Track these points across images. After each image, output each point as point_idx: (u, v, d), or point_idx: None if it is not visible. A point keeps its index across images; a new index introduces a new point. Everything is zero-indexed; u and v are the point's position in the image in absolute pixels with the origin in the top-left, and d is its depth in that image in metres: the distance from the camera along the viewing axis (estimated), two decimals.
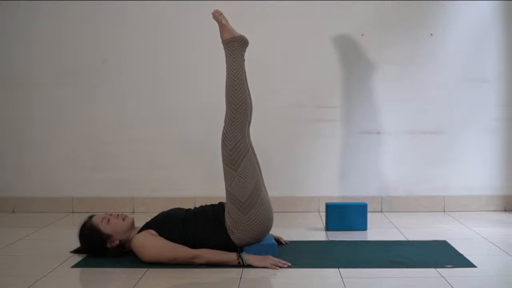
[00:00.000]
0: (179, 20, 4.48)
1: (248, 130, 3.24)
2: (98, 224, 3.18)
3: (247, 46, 3.25)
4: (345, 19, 4.45)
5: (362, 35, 4.45)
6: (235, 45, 3.21)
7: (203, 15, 4.44)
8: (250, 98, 3.22)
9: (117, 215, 3.21)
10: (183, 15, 4.48)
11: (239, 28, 3.35)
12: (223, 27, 3.25)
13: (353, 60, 4.46)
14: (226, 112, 3.17)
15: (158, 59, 4.51)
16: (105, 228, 3.17)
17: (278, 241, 3.48)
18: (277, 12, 4.44)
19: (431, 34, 4.42)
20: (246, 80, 3.21)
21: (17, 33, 4.53)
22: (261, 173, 3.25)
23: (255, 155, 3.25)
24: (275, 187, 4.10)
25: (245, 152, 3.14)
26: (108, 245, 3.18)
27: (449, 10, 4.41)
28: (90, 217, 3.24)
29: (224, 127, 3.16)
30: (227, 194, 3.16)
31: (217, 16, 3.27)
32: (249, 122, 3.25)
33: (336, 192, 4.49)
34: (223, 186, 3.20)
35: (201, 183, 4.51)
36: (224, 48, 3.23)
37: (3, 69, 4.57)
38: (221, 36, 3.25)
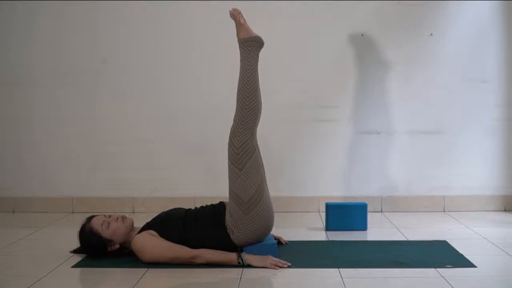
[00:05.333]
0: (179, 20, 4.48)
1: (256, 131, 3.21)
2: (98, 229, 3.14)
3: (263, 47, 3.23)
4: (345, 19, 4.45)
5: (362, 35, 4.45)
6: (251, 45, 3.18)
7: (203, 15, 4.48)
8: (260, 99, 3.18)
9: (116, 218, 3.17)
10: (183, 15, 4.47)
11: None
12: (241, 26, 3.22)
13: (353, 60, 4.46)
14: (236, 111, 3.14)
15: (158, 59, 4.51)
16: (105, 232, 3.14)
17: (278, 241, 3.47)
18: (277, 12, 4.44)
19: (431, 34, 4.42)
20: (258, 80, 3.18)
21: (17, 33, 4.53)
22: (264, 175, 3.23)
23: (261, 156, 3.22)
24: (275, 187, 4.09)
25: (251, 152, 3.12)
26: (109, 249, 3.18)
27: (449, 10, 4.41)
28: (89, 219, 3.21)
29: (233, 125, 3.13)
30: (230, 193, 3.14)
31: (236, 15, 3.23)
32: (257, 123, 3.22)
33: (336, 192, 4.49)
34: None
35: (201, 183, 4.50)
36: (240, 47, 3.20)
37: (3, 69, 4.57)
38: (238, 35, 3.22)
